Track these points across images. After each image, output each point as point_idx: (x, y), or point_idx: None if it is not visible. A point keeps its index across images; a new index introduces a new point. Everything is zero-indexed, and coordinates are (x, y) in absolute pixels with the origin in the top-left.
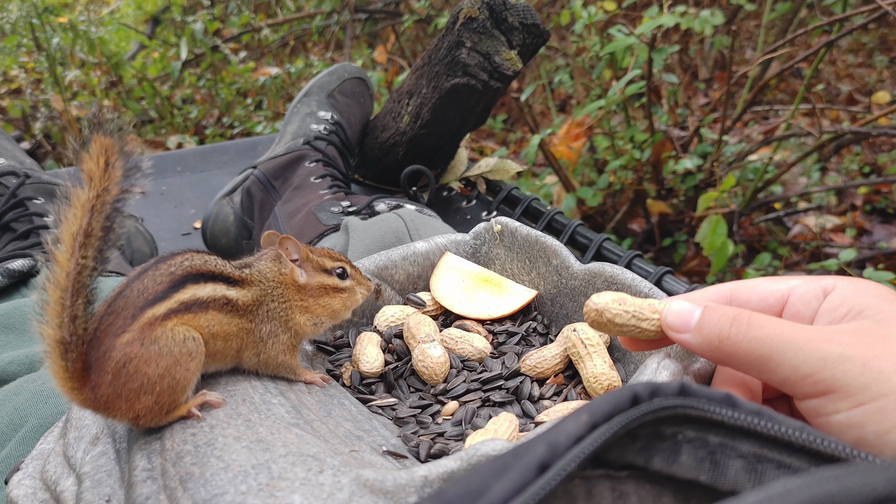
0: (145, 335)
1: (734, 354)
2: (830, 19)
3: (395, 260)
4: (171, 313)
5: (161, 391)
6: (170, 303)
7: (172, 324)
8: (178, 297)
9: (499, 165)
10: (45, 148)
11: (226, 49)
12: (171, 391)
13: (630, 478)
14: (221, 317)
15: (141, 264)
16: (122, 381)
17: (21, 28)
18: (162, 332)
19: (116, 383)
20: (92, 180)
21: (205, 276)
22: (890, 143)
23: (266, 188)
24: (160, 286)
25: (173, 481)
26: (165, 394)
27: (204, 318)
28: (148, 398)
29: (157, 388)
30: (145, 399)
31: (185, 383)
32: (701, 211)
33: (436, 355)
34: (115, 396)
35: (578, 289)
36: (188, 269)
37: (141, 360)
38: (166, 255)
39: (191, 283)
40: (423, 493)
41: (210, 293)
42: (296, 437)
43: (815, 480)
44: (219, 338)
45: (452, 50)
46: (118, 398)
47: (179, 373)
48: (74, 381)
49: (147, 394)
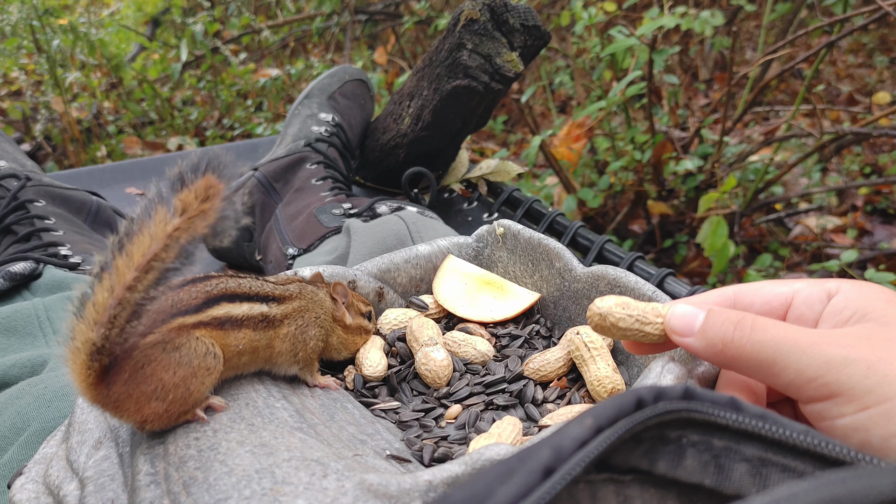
0: (169, 339)
1: (738, 358)
2: (831, 20)
3: (398, 263)
4: (200, 324)
5: (173, 399)
6: (202, 316)
7: (199, 334)
8: (212, 313)
9: (500, 167)
10: (46, 150)
11: (226, 51)
12: (182, 401)
13: (634, 481)
14: (254, 334)
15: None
16: (137, 382)
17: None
18: (186, 340)
19: (131, 384)
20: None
21: (240, 297)
22: (890, 143)
23: (267, 190)
24: (195, 300)
25: (176, 486)
26: (177, 402)
27: (234, 337)
28: (159, 404)
29: (171, 395)
30: (156, 405)
31: (199, 396)
32: (702, 212)
33: (439, 358)
34: (127, 397)
35: (581, 292)
36: (223, 290)
37: (160, 364)
38: (200, 275)
39: (226, 301)
40: (427, 497)
41: (246, 311)
42: (299, 441)
43: (820, 484)
44: (246, 353)
45: (453, 52)
46: (129, 399)
47: (195, 385)
48: (93, 378)
49: (158, 399)
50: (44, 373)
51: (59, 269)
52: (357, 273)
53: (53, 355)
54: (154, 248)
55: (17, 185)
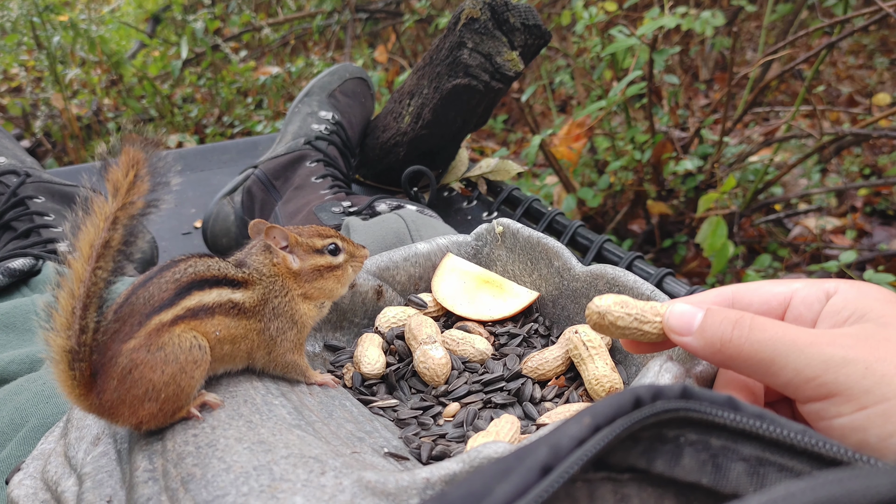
0: (152, 341)
1: (736, 357)
2: (831, 21)
3: (397, 261)
4: (178, 319)
5: (166, 398)
6: (176, 309)
7: (179, 330)
8: (185, 304)
9: (499, 166)
10: (46, 146)
11: (226, 48)
12: (175, 398)
13: (632, 480)
14: (228, 321)
15: (144, 272)
16: (127, 387)
17: (22, 26)
18: (169, 339)
19: (121, 389)
20: (118, 192)
21: (209, 282)
22: (890, 144)
23: (267, 188)
24: (166, 293)
25: (175, 482)
26: (170, 400)
27: (210, 324)
28: (152, 405)
29: (162, 394)
30: (149, 406)
31: (190, 390)
32: (701, 212)
33: (437, 357)
34: (120, 402)
35: (580, 291)
36: (192, 276)
37: (146, 366)
38: (169, 262)
39: (196, 289)
40: (424, 495)
41: (216, 298)
42: (297, 438)
43: (817, 483)
44: (226, 342)
45: (454, 50)
46: (122, 404)
47: (184, 380)
48: (81, 387)
49: (151, 400)
50: (42, 369)
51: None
52: None
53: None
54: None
55: (17, 182)
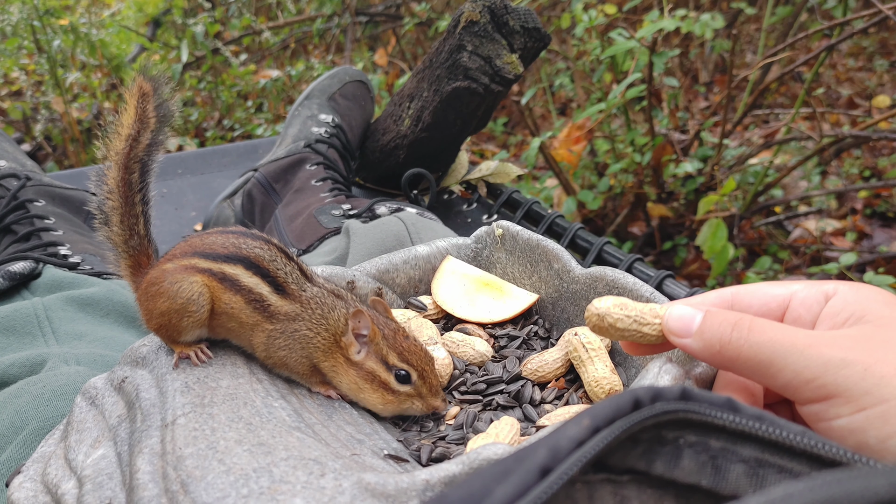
0: (177, 272)
1: (736, 359)
2: (831, 23)
3: (397, 263)
4: (206, 272)
5: (161, 325)
6: (213, 265)
7: (198, 279)
8: (223, 268)
9: (499, 169)
10: (46, 150)
11: (226, 52)
12: (167, 328)
13: (632, 482)
14: (244, 306)
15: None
16: (148, 297)
17: (22, 30)
18: (184, 279)
19: (143, 295)
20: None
21: (259, 270)
22: (890, 146)
23: (267, 191)
24: (221, 249)
25: (174, 484)
26: (164, 328)
27: (228, 297)
28: (155, 322)
29: (159, 321)
30: (154, 321)
31: (180, 330)
32: (701, 214)
33: (440, 357)
34: (143, 302)
35: (580, 293)
36: (250, 255)
37: (159, 290)
38: (255, 233)
39: (244, 265)
40: (424, 496)
41: (250, 284)
42: (297, 440)
43: (816, 485)
44: (233, 319)
45: (454, 53)
46: (142, 306)
47: (175, 319)
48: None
49: (154, 319)
50: (42, 372)
51: (59, 269)
52: (356, 273)
53: (52, 354)
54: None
55: (17, 185)
